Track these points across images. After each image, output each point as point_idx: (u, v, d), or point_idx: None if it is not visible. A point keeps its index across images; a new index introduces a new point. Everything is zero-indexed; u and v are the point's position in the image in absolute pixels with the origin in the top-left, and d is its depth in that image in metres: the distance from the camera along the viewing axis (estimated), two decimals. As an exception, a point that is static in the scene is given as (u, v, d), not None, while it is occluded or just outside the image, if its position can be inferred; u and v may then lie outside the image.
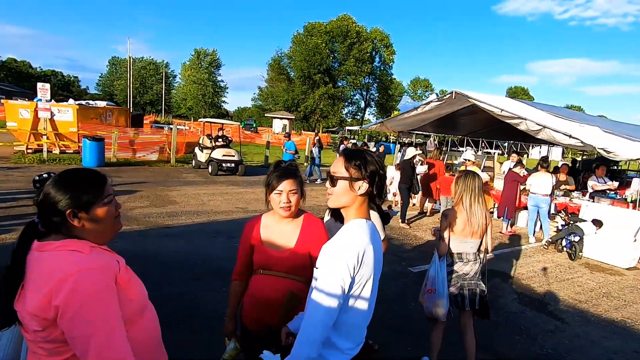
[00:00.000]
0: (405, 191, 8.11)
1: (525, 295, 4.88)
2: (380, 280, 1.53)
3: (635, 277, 6.06)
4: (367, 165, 1.36)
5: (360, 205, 1.39)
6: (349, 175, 1.36)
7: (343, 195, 1.38)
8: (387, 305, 4.06)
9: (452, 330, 3.20)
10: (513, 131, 8.71)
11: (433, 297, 2.83)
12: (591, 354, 3.63)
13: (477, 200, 2.79)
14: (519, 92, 68.46)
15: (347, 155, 1.40)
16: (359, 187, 1.35)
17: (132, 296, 1.19)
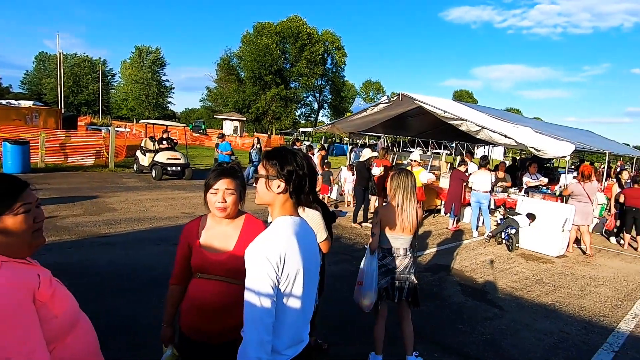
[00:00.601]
0: (361, 193, 8.17)
1: (467, 286, 5.24)
2: (331, 279, 1.59)
3: (563, 264, 6.73)
4: (284, 164, 1.40)
5: (283, 203, 1.42)
6: (267, 174, 1.41)
7: (264, 194, 1.43)
8: (337, 305, 4.16)
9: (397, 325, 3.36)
10: (458, 132, 9.32)
11: (360, 289, 3.01)
12: (524, 336, 3.99)
13: (409, 198, 2.94)
14: (464, 96, 72.89)
15: (266, 155, 1.45)
16: (277, 185, 1.39)
17: (57, 312, 1.13)
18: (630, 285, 5.86)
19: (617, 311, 4.84)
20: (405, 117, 11.61)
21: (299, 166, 1.41)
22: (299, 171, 1.40)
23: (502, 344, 3.79)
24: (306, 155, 1.49)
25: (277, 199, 1.41)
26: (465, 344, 3.74)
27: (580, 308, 4.84)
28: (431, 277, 5.50)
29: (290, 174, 1.39)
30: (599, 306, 4.96)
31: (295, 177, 1.40)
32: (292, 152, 1.45)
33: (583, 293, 5.39)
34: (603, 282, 5.92)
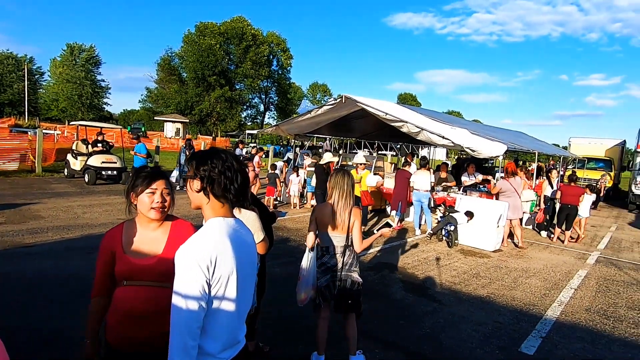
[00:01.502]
0: (320, 197, 8.09)
1: (409, 283, 5.43)
2: (274, 281, 1.57)
3: (499, 258, 7.22)
4: (200, 164, 1.41)
5: (212, 205, 1.43)
6: (187, 174, 1.43)
7: (189, 195, 1.45)
8: (281, 307, 4.13)
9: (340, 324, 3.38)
10: (402, 133, 9.67)
11: (298, 284, 3.09)
12: (461, 328, 4.20)
13: (345, 197, 3.00)
14: (409, 99, 76.29)
15: (190, 156, 1.49)
16: (195, 185, 1.41)
17: None
18: (557, 276, 6.41)
19: (546, 300, 5.27)
20: (350, 119, 11.83)
21: (216, 166, 1.40)
22: (214, 170, 1.39)
23: (440, 337, 3.96)
24: (234, 155, 1.47)
25: (203, 200, 1.41)
26: (405, 338, 3.86)
27: (513, 298, 5.21)
28: (374, 275, 5.63)
29: (206, 173, 1.39)
30: (530, 296, 5.36)
31: (213, 176, 1.39)
32: (214, 152, 1.44)
33: (516, 284, 5.80)
34: (534, 274, 6.42)
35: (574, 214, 8.63)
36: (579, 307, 5.07)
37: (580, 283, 6.08)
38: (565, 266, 6.99)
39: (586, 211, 8.89)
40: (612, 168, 19.53)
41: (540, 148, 13.45)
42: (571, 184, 8.79)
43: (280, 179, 10.62)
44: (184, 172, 3.03)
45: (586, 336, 4.26)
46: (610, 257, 7.95)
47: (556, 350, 3.89)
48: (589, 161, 19.36)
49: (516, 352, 3.80)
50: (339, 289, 3.04)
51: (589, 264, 7.30)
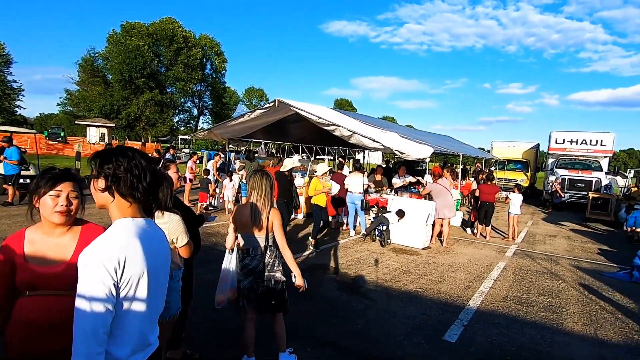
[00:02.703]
0: (284, 206, 7.30)
1: (342, 282, 5.56)
2: (205, 287, 1.52)
3: (427, 255, 7.64)
4: (103, 162, 1.37)
5: (119, 204, 1.39)
6: (91, 173, 1.40)
7: (94, 195, 1.41)
8: (209, 312, 4.01)
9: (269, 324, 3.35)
10: (335, 137, 9.90)
11: (219, 286, 3.09)
12: (391, 322, 4.37)
13: (263, 198, 3.01)
14: (344, 104, 78.44)
15: (92, 155, 1.44)
16: (99, 184, 1.38)
17: None
18: (479, 269, 6.93)
19: (468, 291, 5.67)
20: (286, 123, 11.88)
21: (122, 163, 1.36)
22: (120, 168, 1.36)
23: (371, 332, 4.09)
24: (142, 154, 1.44)
25: (108, 199, 1.38)
26: (337, 336, 3.95)
27: (439, 292, 5.53)
28: (308, 276, 5.60)
29: (110, 171, 1.36)
30: (454, 288, 5.74)
31: (118, 174, 1.36)
32: (119, 150, 1.41)
33: (442, 278, 6.18)
34: (459, 268, 6.88)
35: (491, 210, 9.45)
36: (497, 296, 5.53)
37: (499, 274, 6.63)
38: (487, 259, 7.60)
39: (517, 209, 9.70)
40: (529, 169, 21.76)
41: (465, 151, 14.59)
42: (488, 183, 9.61)
43: (212, 184, 10.32)
44: None
45: (502, 322, 4.66)
46: (525, 249, 8.79)
47: (476, 337, 4.19)
48: (509, 163, 21.33)
49: (440, 341, 4.04)
50: (262, 290, 3.02)
51: (507, 256, 8.01)
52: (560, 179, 16.17)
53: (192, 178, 11.06)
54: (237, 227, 3.05)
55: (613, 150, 17.61)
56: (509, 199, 9.68)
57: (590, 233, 11.57)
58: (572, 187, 16.00)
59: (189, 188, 10.92)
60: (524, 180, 20.44)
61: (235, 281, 3.07)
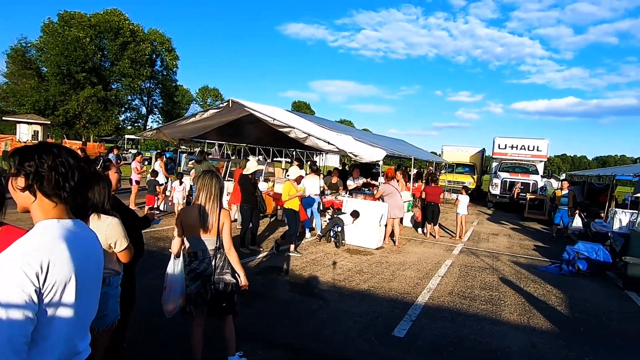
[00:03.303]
0: (247, 212, 7.23)
1: (296, 284, 5.67)
2: (151, 293, 1.50)
3: (381, 254, 7.96)
4: (24, 159, 1.30)
5: (42, 204, 1.32)
6: (9, 171, 1.32)
7: (13, 195, 1.33)
8: (154, 318, 3.94)
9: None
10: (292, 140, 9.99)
11: (165, 294, 2.99)
12: (343, 321, 4.55)
13: (212, 200, 3.00)
14: (302, 106, 78.78)
15: (10, 152, 1.36)
16: (19, 183, 1.30)
17: None
18: (428, 266, 7.34)
19: (417, 288, 6.00)
20: (241, 124, 11.80)
21: (45, 161, 1.29)
22: (43, 166, 1.29)
23: (323, 332, 4.23)
24: (69, 151, 1.37)
25: (29, 199, 1.30)
26: (290, 337, 4.04)
27: (390, 289, 5.81)
28: (262, 279, 5.74)
29: (32, 169, 1.28)
30: (405, 286, 6.05)
31: (41, 172, 1.29)
32: (43, 147, 1.33)
33: (393, 277, 6.48)
34: (409, 266, 7.24)
35: (437, 210, 10.06)
36: (443, 292, 5.91)
37: (446, 271, 7.07)
38: (436, 257, 8.05)
39: (464, 209, 10.35)
40: (475, 172, 23.18)
41: (417, 155, 15.27)
42: (432, 185, 10.25)
43: (160, 186, 10.02)
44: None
45: (448, 315, 5.00)
46: (471, 247, 9.40)
47: (423, 331, 4.48)
48: (457, 166, 22.63)
49: (390, 336, 4.27)
50: (212, 293, 3.00)
51: (454, 254, 8.53)
52: (503, 181, 17.43)
53: (138, 180, 10.65)
54: (185, 230, 3.00)
55: (547, 155, 19.23)
56: (458, 200, 10.32)
57: (528, 231, 12.57)
58: (512, 189, 17.25)
59: (135, 190, 10.52)
60: (471, 182, 21.73)
61: (183, 286, 3.00)
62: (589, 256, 7.70)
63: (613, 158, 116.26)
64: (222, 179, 3.16)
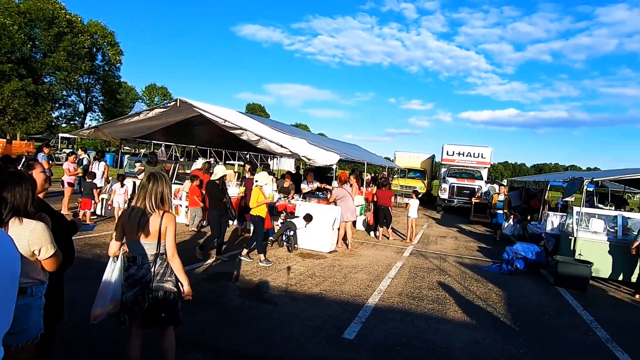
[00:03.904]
0: (216, 219, 6.98)
1: (246, 290, 5.64)
2: (87, 302, 1.41)
3: (333, 258, 8.09)
4: None
5: None
6: None
7: None
8: (84, 331, 3.77)
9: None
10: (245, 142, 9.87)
11: (96, 298, 2.85)
12: (294, 326, 4.58)
13: (156, 202, 2.88)
14: (257, 109, 78.06)
15: None
16: None
17: None
18: (379, 269, 7.57)
19: (368, 290, 6.18)
20: (191, 125, 11.50)
21: None
22: None
23: (274, 337, 4.25)
24: None
25: None
26: (239, 343, 4.01)
27: (342, 292, 5.94)
28: (210, 286, 5.65)
29: None
30: (356, 288, 6.20)
31: None
32: None
33: (345, 280, 6.62)
34: (361, 269, 7.43)
35: (388, 213, 10.52)
36: (393, 293, 6.14)
37: (396, 273, 7.34)
38: (387, 260, 8.33)
39: (414, 213, 10.80)
40: (426, 177, 24.28)
41: (370, 159, 15.71)
42: (383, 189, 10.67)
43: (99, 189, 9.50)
44: None
45: (397, 316, 5.20)
46: (420, 249, 9.82)
47: (372, 332, 4.62)
48: (409, 171, 23.57)
49: (340, 339, 4.37)
50: (150, 302, 2.84)
51: (405, 256, 8.87)
52: (451, 186, 18.42)
53: (72, 182, 9.99)
54: (126, 234, 2.88)
55: (491, 162, 20.59)
56: (409, 204, 10.77)
57: (473, 233, 13.35)
58: (459, 194, 18.28)
59: (69, 193, 9.87)
60: (421, 187, 22.72)
61: (118, 293, 2.85)
62: (525, 256, 8.35)
63: (548, 166, 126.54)
64: (169, 181, 3.07)
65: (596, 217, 8.30)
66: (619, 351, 4.69)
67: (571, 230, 8.20)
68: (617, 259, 7.60)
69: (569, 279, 7.25)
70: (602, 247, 7.70)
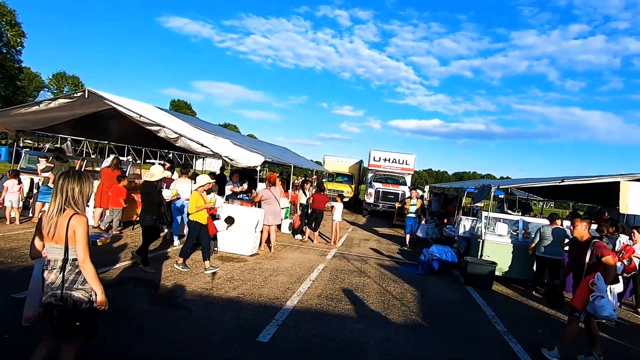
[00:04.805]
0: (151, 223, 6.49)
1: (158, 295, 5.37)
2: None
3: (255, 261, 8.00)
4: None
5: None
6: None
7: None
8: None
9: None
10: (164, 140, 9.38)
11: (27, 299, 2.85)
12: (206, 330, 4.45)
13: (63, 202, 2.74)
14: (183, 106, 74.68)
15: None
16: None
17: None
18: (302, 271, 7.64)
19: (288, 293, 6.20)
20: (104, 119, 10.69)
21: None
22: None
23: (183, 343, 4.08)
24: None
25: None
26: (147, 352, 3.81)
27: (260, 296, 5.89)
28: (116, 291, 5.27)
29: None
30: (275, 291, 6.19)
31: None
32: None
33: (265, 283, 6.58)
34: (282, 272, 7.44)
35: (320, 217, 10.74)
36: (312, 295, 6.23)
37: (317, 275, 7.46)
38: (310, 262, 8.44)
39: (339, 216, 11.08)
40: (353, 182, 25.08)
41: (298, 163, 15.86)
42: (320, 193, 10.90)
43: None
44: None
45: (314, 317, 5.28)
46: (343, 252, 10.10)
47: (288, 334, 4.65)
48: (337, 176, 24.21)
49: (254, 342, 4.33)
50: (59, 309, 2.69)
51: (327, 259, 9.06)
52: (377, 191, 19.25)
53: None
54: (43, 236, 2.75)
55: (414, 168, 21.91)
56: (334, 208, 11.05)
57: (395, 236, 14.06)
58: (384, 198, 19.16)
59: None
60: (349, 191, 23.45)
61: (42, 294, 2.75)
62: (440, 257, 8.98)
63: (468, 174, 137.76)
64: (84, 180, 2.83)
65: (501, 222, 9.22)
66: (513, 342, 5.23)
67: (480, 233, 8.99)
68: (518, 259, 8.50)
69: (477, 278, 7.95)
70: (506, 249, 8.56)
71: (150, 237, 6.58)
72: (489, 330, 5.62)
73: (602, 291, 4.52)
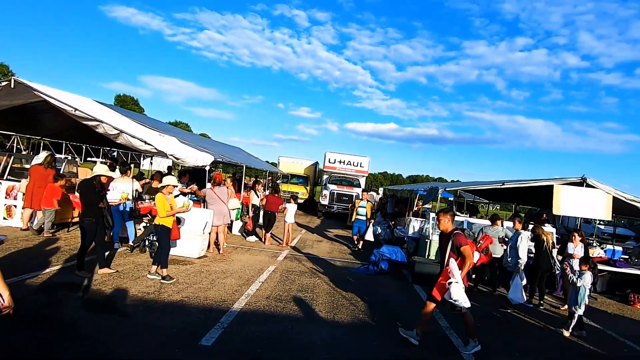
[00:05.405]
0: (92, 226, 6.11)
1: (92, 300, 5.09)
2: None
3: (202, 263, 7.81)
4: None
5: None
6: None
7: None
8: None
9: None
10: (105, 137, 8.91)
11: None
12: (145, 336, 4.28)
13: None
14: (129, 101, 71.44)
15: None
16: None
17: None
18: (251, 273, 7.55)
19: (236, 295, 6.11)
20: (35, 112, 9.99)
21: None
22: None
23: (120, 350, 3.90)
24: None
25: None
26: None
27: (206, 299, 5.76)
28: (45, 298, 4.96)
29: None
30: (223, 294, 6.08)
31: None
32: None
33: (212, 285, 6.44)
34: (231, 274, 7.31)
35: (273, 219, 10.76)
36: (261, 297, 6.18)
37: (267, 277, 7.41)
38: (260, 264, 8.37)
39: (291, 218, 11.07)
40: (309, 183, 25.19)
41: (251, 163, 15.68)
42: (275, 195, 10.87)
43: None
44: None
45: (261, 319, 5.25)
46: (295, 253, 10.11)
47: (233, 336, 4.58)
48: (292, 177, 24.22)
49: (196, 346, 4.22)
50: None
51: (279, 260, 9.02)
52: (331, 193, 19.46)
53: None
54: None
55: (368, 171, 22.39)
56: (286, 209, 11.03)
57: (348, 237, 14.26)
58: (339, 200, 19.40)
59: None
60: (304, 193, 23.52)
61: None
62: (390, 257, 9.24)
63: (421, 177, 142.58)
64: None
65: (448, 222, 9.63)
66: (454, 336, 5.49)
67: (427, 233, 9.36)
68: (462, 257, 8.91)
69: (424, 277, 8.24)
70: (451, 248, 8.95)
71: (88, 239, 6.20)
72: (433, 326, 5.85)
73: (457, 277, 4.85)
